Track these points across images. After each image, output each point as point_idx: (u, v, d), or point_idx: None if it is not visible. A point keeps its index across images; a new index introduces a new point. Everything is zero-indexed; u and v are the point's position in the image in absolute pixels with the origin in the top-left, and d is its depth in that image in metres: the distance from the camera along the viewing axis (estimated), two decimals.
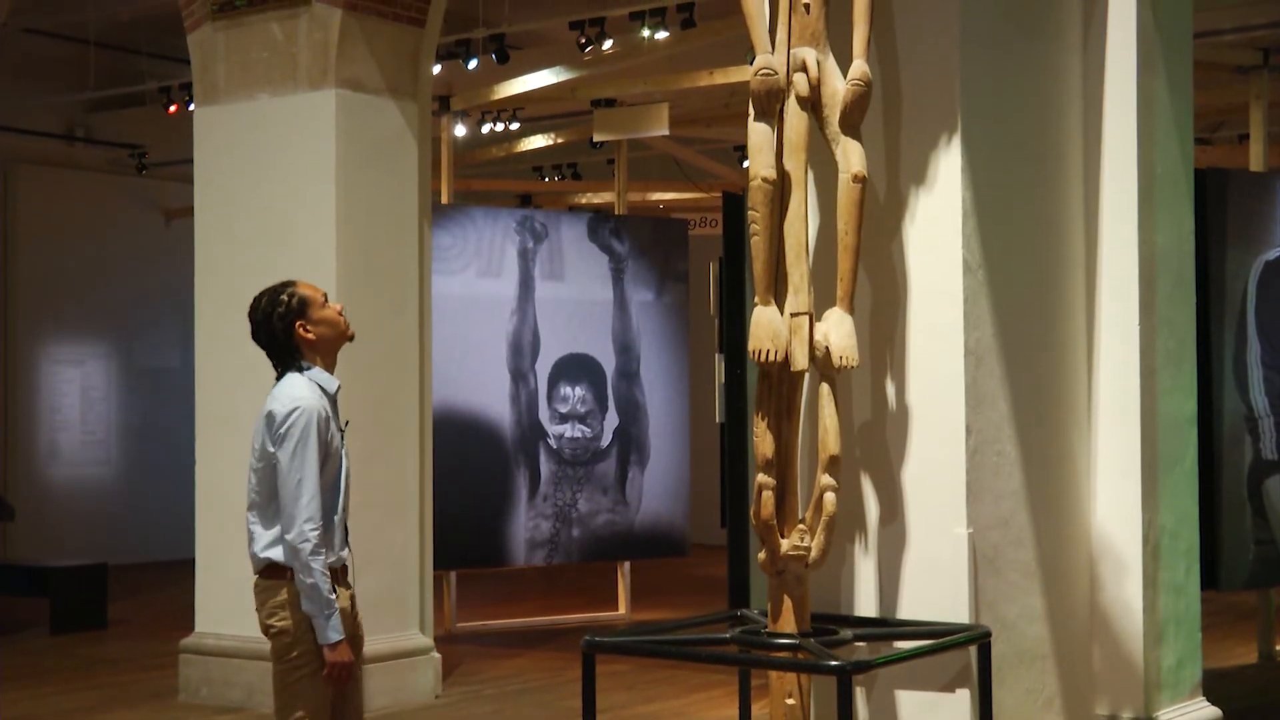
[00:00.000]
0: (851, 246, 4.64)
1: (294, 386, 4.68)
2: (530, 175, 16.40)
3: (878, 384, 4.98)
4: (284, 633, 4.62)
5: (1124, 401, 5.43)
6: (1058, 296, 5.37)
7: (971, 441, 4.87)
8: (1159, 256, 5.55)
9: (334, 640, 4.57)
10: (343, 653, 4.59)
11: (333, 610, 4.56)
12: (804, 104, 4.67)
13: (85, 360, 15.49)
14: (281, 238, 7.91)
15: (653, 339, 10.95)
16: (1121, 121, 5.44)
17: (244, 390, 7.74)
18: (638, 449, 10.85)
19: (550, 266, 10.57)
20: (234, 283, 7.95)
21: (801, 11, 4.69)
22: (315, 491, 4.58)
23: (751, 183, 4.59)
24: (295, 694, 4.62)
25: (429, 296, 8.37)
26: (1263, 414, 7.90)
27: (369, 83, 7.86)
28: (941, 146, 4.88)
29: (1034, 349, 5.24)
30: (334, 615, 4.56)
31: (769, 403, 4.64)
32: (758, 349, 4.55)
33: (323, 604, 4.55)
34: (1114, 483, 5.44)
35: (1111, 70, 5.47)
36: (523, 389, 10.42)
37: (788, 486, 4.68)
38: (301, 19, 7.75)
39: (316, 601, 4.55)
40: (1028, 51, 5.28)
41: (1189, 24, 5.85)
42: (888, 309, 4.97)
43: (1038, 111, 5.33)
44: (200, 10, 8.06)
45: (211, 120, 8.18)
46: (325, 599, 4.55)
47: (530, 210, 11.92)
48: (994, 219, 4.99)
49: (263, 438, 4.65)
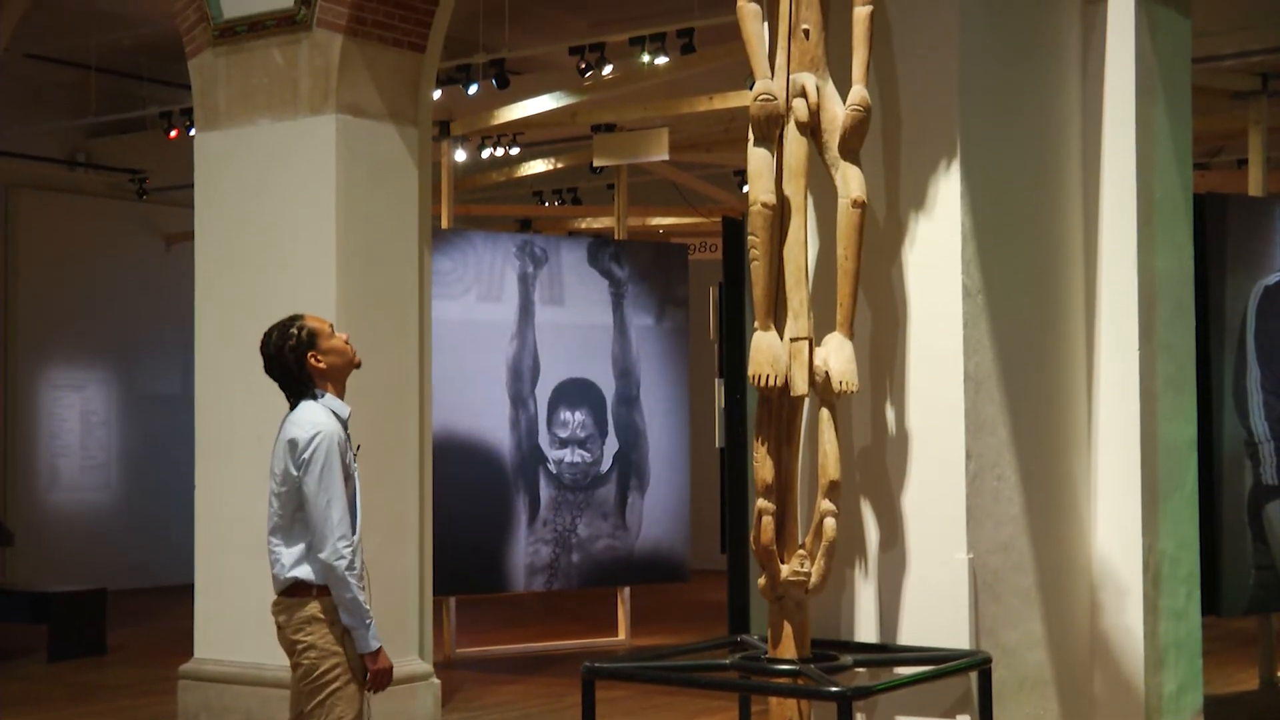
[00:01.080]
0: (851, 271, 4.64)
1: (312, 413, 4.95)
2: (530, 200, 16.44)
3: (877, 409, 4.98)
4: (311, 648, 4.89)
5: (1124, 426, 5.42)
6: (1057, 321, 5.37)
7: (971, 467, 4.86)
8: (1158, 281, 5.55)
9: (375, 648, 4.92)
10: (384, 659, 4.93)
11: (371, 619, 4.90)
12: (803, 129, 4.67)
13: (85, 385, 15.49)
14: (282, 262, 7.92)
15: (652, 364, 10.96)
16: (1121, 146, 5.45)
17: (244, 415, 7.75)
18: (637, 474, 10.84)
19: (550, 291, 10.58)
20: (234, 307, 7.96)
21: (801, 37, 4.70)
22: (344, 511, 4.88)
23: (751, 208, 4.59)
24: (330, 707, 4.90)
25: (429, 321, 8.37)
26: (1263, 439, 7.90)
27: (369, 108, 7.88)
28: (941, 172, 4.89)
29: (1034, 374, 5.23)
30: (373, 624, 4.91)
31: (769, 428, 4.63)
32: (757, 374, 4.55)
33: (362, 614, 4.87)
34: (1114, 508, 5.43)
35: (1111, 96, 5.48)
36: (522, 414, 10.42)
37: (788, 512, 4.67)
38: (302, 44, 7.77)
39: (356, 613, 4.87)
40: (1027, 78, 5.29)
41: (1187, 49, 5.87)
42: (887, 334, 4.97)
43: (1037, 137, 5.34)
44: (201, 36, 8.08)
45: (212, 145, 8.19)
46: (364, 609, 4.89)
47: (530, 235, 11.94)
48: (994, 244, 4.99)
49: (285, 463, 4.91)
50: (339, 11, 7.65)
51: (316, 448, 4.85)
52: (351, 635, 4.89)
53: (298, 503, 4.90)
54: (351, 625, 4.88)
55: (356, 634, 4.89)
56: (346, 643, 4.91)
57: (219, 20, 7.95)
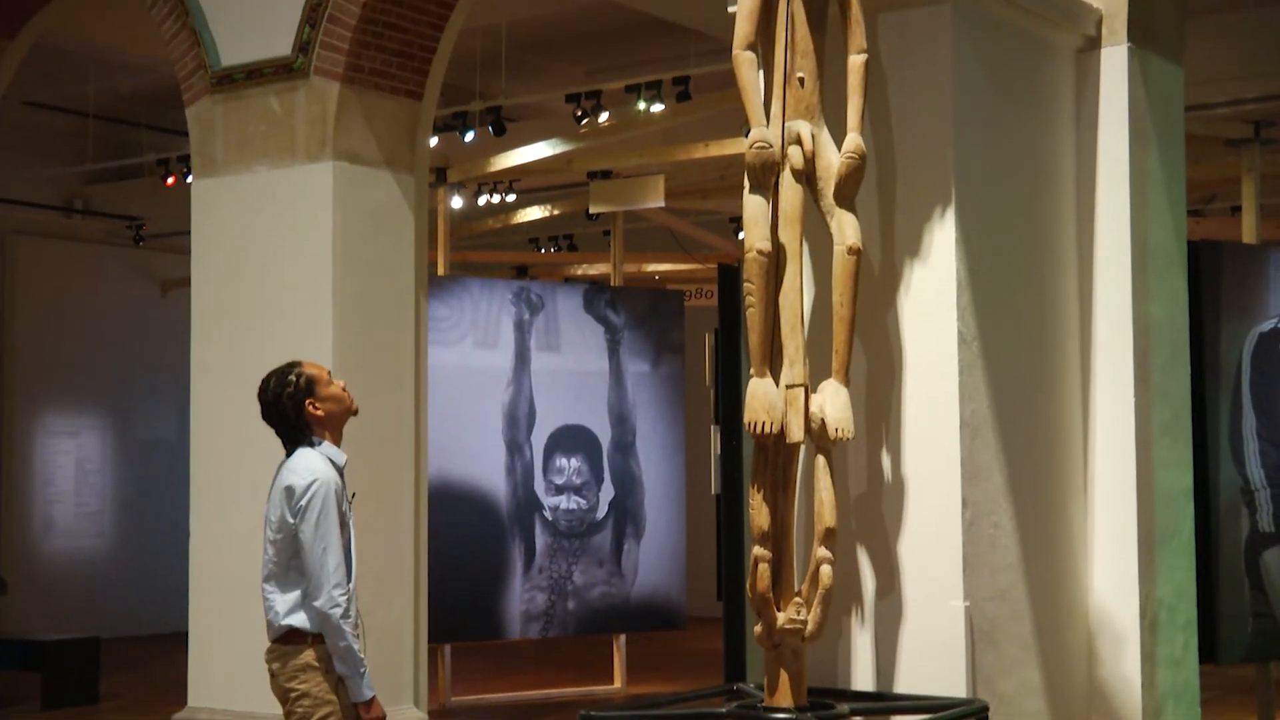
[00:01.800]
0: (847, 319, 4.65)
1: (308, 460, 4.96)
2: (526, 246, 16.47)
3: (873, 456, 4.98)
4: (305, 696, 4.89)
5: (1120, 474, 5.42)
6: (1053, 369, 5.38)
7: (968, 514, 4.85)
8: (1153, 328, 5.56)
9: (369, 696, 4.90)
10: (377, 708, 4.92)
11: (365, 668, 4.90)
12: (799, 177, 4.69)
13: (80, 431, 15.46)
14: (278, 309, 7.92)
15: (648, 410, 10.95)
16: (1115, 194, 5.47)
17: (239, 463, 7.73)
18: (633, 521, 10.82)
19: (546, 338, 10.58)
20: (230, 354, 7.95)
21: (796, 85, 4.73)
22: (340, 558, 4.87)
23: (747, 255, 4.60)
24: None
25: (425, 367, 8.37)
26: (1259, 486, 7.89)
27: (366, 155, 7.90)
28: (936, 219, 4.90)
29: (1030, 421, 5.24)
30: (367, 672, 4.90)
31: (765, 475, 4.63)
32: (753, 421, 4.55)
33: (356, 663, 4.88)
34: (1111, 555, 5.42)
35: (1104, 143, 5.51)
36: (518, 460, 10.41)
37: (784, 559, 4.66)
38: (300, 92, 7.80)
39: (350, 661, 4.87)
40: (1021, 125, 5.31)
41: (1180, 98, 5.90)
42: (883, 381, 4.97)
43: (1031, 185, 5.36)
44: (199, 84, 8.11)
45: (209, 192, 8.21)
46: (358, 658, 4.88)
47: (526, 281, 11.96)
48: (989, 291, 5.00)
49: (281, 510, 4.91)
50: (336, 60, 7.68)
51: (313, 495, 4.85)
52: (345, 684, 4.88)
53: (293, 550, 4.89)
54: (346, 674, 4.87)
55: (350, 682, 4.88)
56: (340, 691, 4.90)
57: (217, 68, 7.98)
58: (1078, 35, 5.49)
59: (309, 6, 7.61)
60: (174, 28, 8.15)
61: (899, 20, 5.00)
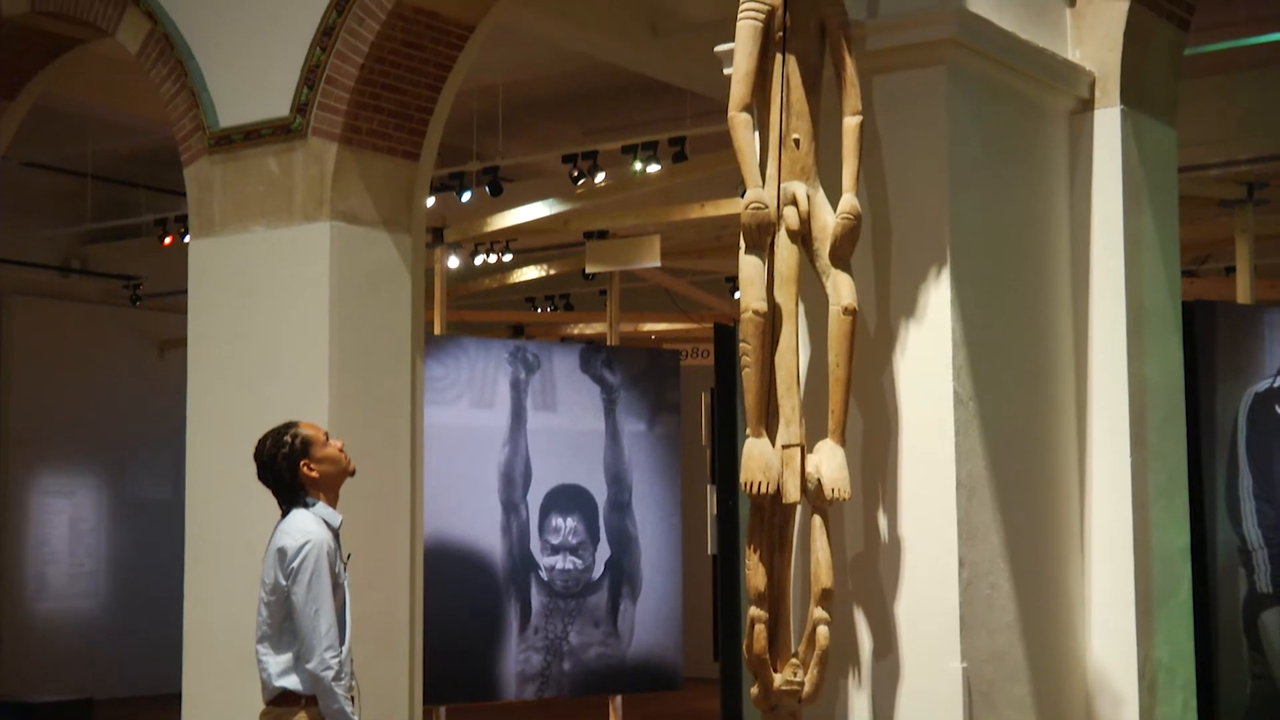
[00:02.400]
0: (843, 379, 4.66)
1: (302, 521, 4.95)
2: (523, 306, 16.50)
3: (870, 517, 4.97)
4: None
5: (1117, 534, 5.41)
6: (1049, 429, 5.38)
7: (965, 574, 4.84)
8: (1149, 389, 5.57)
9: None
10: None
11: None
12: (794, 237, 4.71)
13: (75, 491, 15.42)
14: (274, 368, 7.92)
15: (645, 470, 10.93)
16: (1109, 255, 5.49)
17: (235, 523, 7.71)
18: (630, 581, 10.78)
19: (542, 397, 10.58)
20: (226, 414, 7.94)
21: (791, 146, 4.75)
22: (332, 620, 4.86)
23: (743, 315, 4.61)
24: None
25: (421, 427, 8.36)
26: (1256, 546, 7.87)
27: (363, 215, 7.93)
28: (931, 279, 4.92)
29: (1026, 481, 5.23)
30: None
31: (761, 535, 4.62)
32: (750, 481, 4.55)
33: None
34: (1109, 616, 5.40)
35: (1098, 204, 5.53)
36: (514, 520, 10.38)
37: (780, 620, 4.64)
38: (297, 153, 7.83)
39: None
40: (1015, 186, 5.34)
41: (1174, 159, 5.93)
42: (879, 441, 4.97)
43: (1026, 245, 5.38)
44: (198, 144, 8.14)
45: (206, 252, 8.22)
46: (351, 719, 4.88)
47: (523, 341, 11.97)
48: (984, 351, 5.01)
49: (274, 572, 4.91)
50: (334, 120, 7.72)
51: (305, 556, 4.85)
52: None
53: (286, 612, 4.88)
54: None
55: None
56: None
57: (215, 129, 8.01)
58: (1071, 97, 5.53)
59: (307, 68, 7.66)
60: (173, 89, 8.19)
61: (893, 82, 5.04)
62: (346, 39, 7.56)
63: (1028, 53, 5.28)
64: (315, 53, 7.62)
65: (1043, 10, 5.48)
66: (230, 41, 7.99)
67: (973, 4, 5.04)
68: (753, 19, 4.77)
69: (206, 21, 8.06)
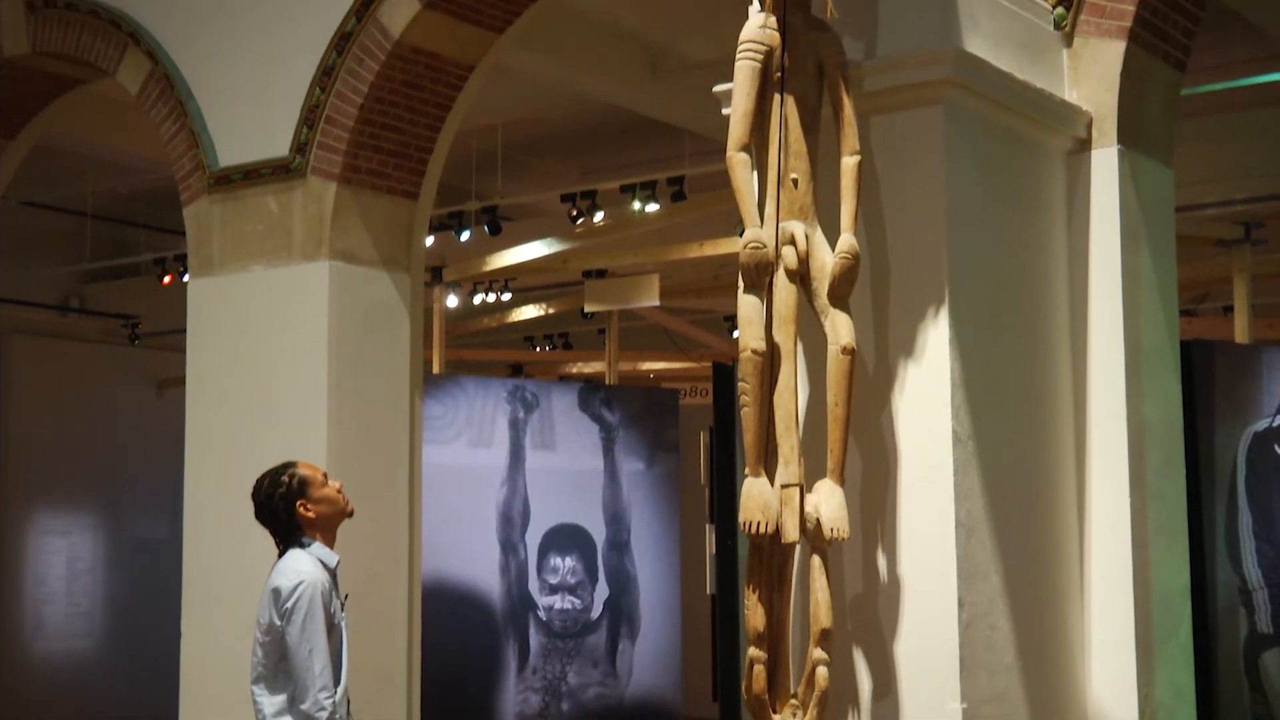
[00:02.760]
0: (841, 418, 4.65)
1: (297, 561, 4.96)
2: (522, 345, 16.51)
3: (869, 557, 4.96)
4: None
5: (1117, 574, 5.40)
6: (1048, 469, 5.37)
7: (964, 615, 4.82)
8: (1148, 428, 5.56)
9: None
10: None
11: None
12: (793, 277, 4.71)
13: (72, 531, 15.39)
14: (273, 408, 7.91)
15: (643, 509, 10.91)
16: (1107, 295, 5.50)
17: (232, 563, 7.69)
18: (628, 621, 10.75)
19: (541, 436, 10.57)
20: (224, 453, 7.93)
21: (790, 186, 4.76)
22: (326, 661, 4.84)
23: (741, 354, 4.61)
24: None
25: (419, 466, 8.35)
26: (1256, 586, 7.86)
27: (362, 255, 7.94)
28: (930, 319, 4.92)
29: (1025, 521, 5.22)
30: None
31: (760, 575, 4.61)
32: (748, 520, 4.54)
33: None
34: (1109, 657, 5.38)
35: (1096, 244, 5.54)
36: (512, 560, 10.36)
37: (779, 660, 4.63)
38: (297, 192, 7.85)
39: None
40: (1013, 226, 5.35)
41: (1171, 199, 5.95)
42: (878, 481, 4.96)
43: (1024, 285, 5.38)
44: (197, 184, 8.16)
45: (205, 291, 8.23)
46: None
47: (521, 380, 11.97)
48: (983, 391, 5.01)
49: (269, 613, 4.90)
50: (333, 160, 7.74)
51: (299, 597, 4.84)
52: None
53: (280, 652, 4.86)
54: None
55: None
56: None
57: (215, 168, 8.03)
58: (1068, 137, 5.55)
59: (307, 108, 7.69)
60: (173, 128, 8.22)
61: (891, 122, 5.05)
62: (346, 79, 7.59)
63: (1025, 93, 5.30)
64: (315, 93, 7.65)
65: (1040, 51, 5.50)
66: (230, 81, 8.02)
67: (970, 45, 5.06)
68: (751, 59, 4.79)
69: (207, 62, 8.10)
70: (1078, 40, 5.61)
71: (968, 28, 5.06)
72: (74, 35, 8.54)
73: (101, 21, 8.39)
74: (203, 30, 8.10)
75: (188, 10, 8.17)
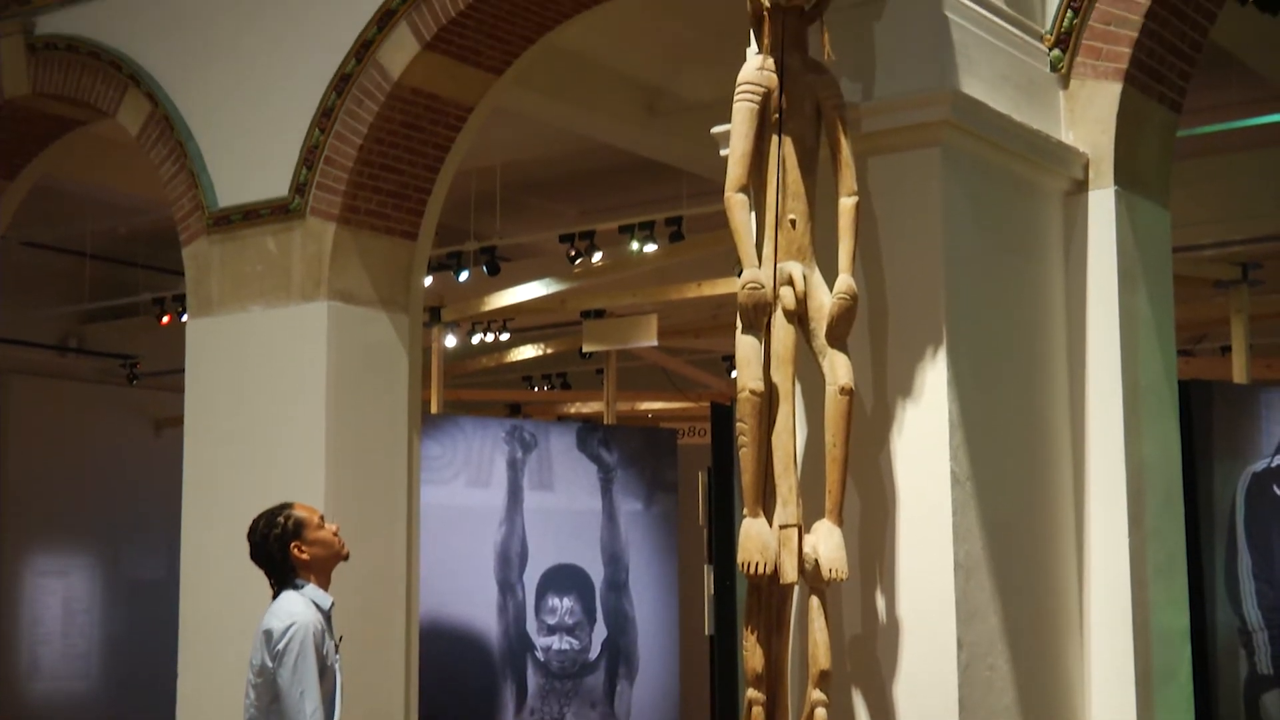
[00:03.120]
0: (840, 459, 4.65)
1: (290, 603, 4.95)
2: (520, 385, 16.51)
3: (868, 597, 4.95)
4: None
5: (1116, 615, 5.38)
6: (1047, 509, 5.37)
7: (963, 656, 4.81)
8: (1146, 469, 5.56)
9: None
10: None
11: None
12: (791, 317, 4.72)
13: (70, 571, 15.35)
14: (271, 448, 7.91)
15: (642, 549, 10.89)
16: (1105, 335, 5.51)
17: (230, 604, 7.66)
18: (626, 661, 10.71)
19: (539, 476, 10.56)
20: (222, 494, 7.92)
21: (788, 226, 4.78)
22: (318, 703, 4.81)
23: (740, 394, 4.61)
24: None
25: (417, 506, 8.34)
26: (1256, 628, 7.84)
27: (361, 295, 7.95)
28: (928, 359, 4.93)
29: (1024, 562, 5.21)
30: None
31: (759, 616, 4.60)
32: (747, 561, 4.53)
33: None
34: (1108, 698, 5.36)
35: (1094, 285, 5.55)
36: (510, 600, 10.33)
37: (778, 702, 4.61)
38: (296, 232, 7.86)
39: None
40: (1011, 267, 5.36)
41: (1168, 239, 5.96)
42: (877, 521, 4.96)
43: (1022, 325, 5.39)
44: (196, 224, 8.18)
45: (204, 331, 8.24)
46: None
47: (519, 420, 11.97)
48: (981, 432, 5.01)
49: (261, 654, 4.88)
50: (332, 200, 7.76)
51: (291, 638, 4.83)
52: None
53: (273, 694, 4.84)
54: None
55: None
56: None
57: (214, 209, 8.05)
58: (1065, 179, 5.56)
59: (306, 148, 7.71)
60: (172, 169, 8.25)
61: (889, 163, 5.07)
62: (346, 120, 7.62)
63: (1022, 134, 5.32)
64: (314, 133, 7.68)
65: (1036, 93, 5.53)
66: (230, 122, 8.05)
67: (967, 86, 5.08)
68: (749, 101, 4.81)
69: (206, 103, 8.13)
70: (1074, 82, 5.64)
71: (964, 70, 5.09)
72: (74, 77, 8.58)
73: (102, 63, 8.43)
74: (202, 72, 8.14)
75: (188, 52, 8.20)
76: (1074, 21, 5.63)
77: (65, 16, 8.64)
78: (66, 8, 8.63)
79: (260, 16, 7.97)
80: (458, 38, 7.45)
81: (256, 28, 7.97)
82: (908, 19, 5.09)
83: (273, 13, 7.94)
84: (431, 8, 7.34)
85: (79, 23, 8.58)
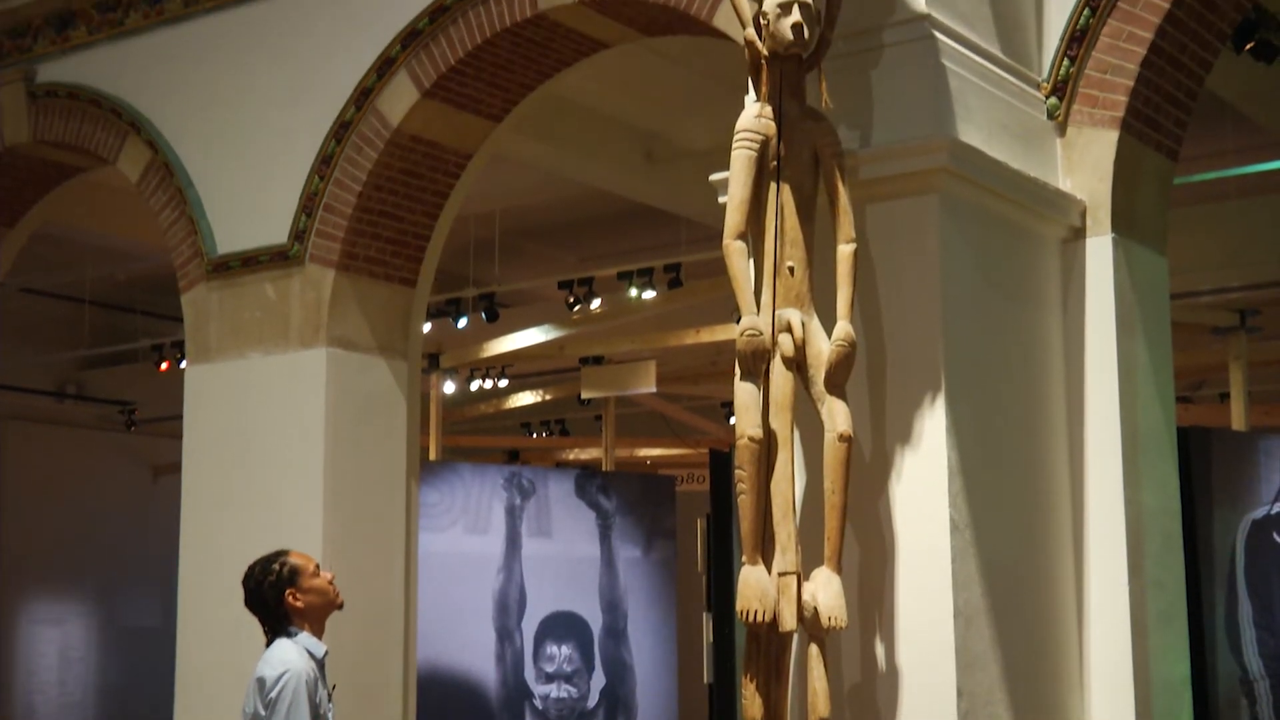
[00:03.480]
0: (838, 506, 4.64)
1: (283, 651, 4.92)
2: (518, 431, 16.49)
3: (867, 645, 4.93)
4: None
5: (1117, 663, 5.36)
6: (1046, 556, 5.35)
7: (963, 704, 4.79)
8: (1146, 516, 5.55)
9: None
10: None
11: None
12: (789, 364, 4.72)
13: (65, 619, 15.29)
14: (269, 495, 7.89)
15: (640, 597, 10.85)
16: (1103, 382, 5.50)
17: (226, 651, 7.63)
18: (625, 709, 10.66)
19: (537, 523, 10.54)
20: (219, 541, 7.90)
21: (786, 274, 4.78)
22: None
23: (739, 441, 4.61)
24: None
25: (415, 553, 8.31)
26: (1258, 676, 7.80)
27: (360, 341, 7.95)
28: (926, 406, 4.92)
29: (1024, 609, 5.19)
30: None
31: (758, 664, 4.58)
32: (745, 609, 4.51)
33: None
34: None
35: (1091, 332, 5.55)
36: (508, 648, 10.29)
37: None
38: (294, 279, 7.87)
39: None
40: (1008, 313, 5.37)
41: (1165, 286, 5.97)
42: (876, 569, 4.94)
43: (1020, 372, 5.39)
44: (195, 271, 8.19)
45: (202, 378, 8.23)
46: None
47: (518, 467, 11.95)
48: (980, 479, 5.00)
49: (254, 702, 4.86)
50: (331, 247, 7.77)
51: (284, 686, 4.81)
52: None
53: None
54: None
55: None
56: None
57: (213, 255, 8.06)
58: (1063, 226, 5.58)
59: (305, 196, 7.73)
60: (172, 216, 8.26)
61: (887, 210, 5.08)
62: (345, 167, 7.64)
63: (1019, 182, 5.34)
64: (314, 180, 7.70)
65: (1033, 140, 5.55)
66: (229, 169, 8.07)
67: (964, 134, 5.10)
68: (747, 149, 4.83)
69: (206, 150, 8.15)
70: (1071, 129, 5.66)
71: (962, 117, 5.11)
72: (75, 124, 8.61)
73: (102, 110, 8.45)
74: (202, 119, 8.16)
75: (188, 100, 8.23)
76: (1071, 70, 5.65)
77: (66, 64, 8.68)
78: (67, 56, 8.66)
79: (260, 64, 8.01)
80: (457, 85, 7.48)
81: (256, 76, 8.00)
82: (905, 67, 5.12)
83: (273, 61, 7.97)
84: (431, 55, 7.37)
85: (80, 70, 8.61)
